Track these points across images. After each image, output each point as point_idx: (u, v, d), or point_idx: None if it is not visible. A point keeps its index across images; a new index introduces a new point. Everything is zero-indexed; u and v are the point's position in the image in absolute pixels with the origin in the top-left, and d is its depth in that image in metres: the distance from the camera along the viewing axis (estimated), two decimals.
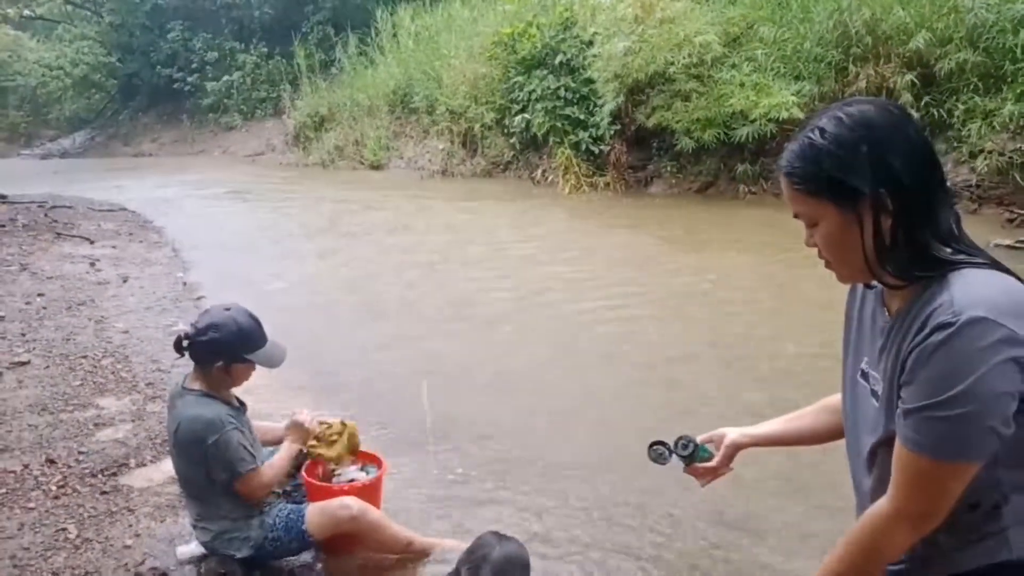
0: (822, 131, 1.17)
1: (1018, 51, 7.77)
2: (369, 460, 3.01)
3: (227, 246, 9.41)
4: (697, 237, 8.37)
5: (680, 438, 1.69)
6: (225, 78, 22.60)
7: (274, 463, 2.72)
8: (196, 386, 2.64)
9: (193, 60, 23.65)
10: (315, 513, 2.68)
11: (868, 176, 1.13)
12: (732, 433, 1.68)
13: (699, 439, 1.71)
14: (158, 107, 25.96)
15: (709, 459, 1.69)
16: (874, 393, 1.24)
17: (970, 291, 1.09)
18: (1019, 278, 1.17)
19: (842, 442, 1.41)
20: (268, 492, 2.68)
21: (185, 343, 2.62)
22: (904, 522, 1.16)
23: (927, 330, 1.09)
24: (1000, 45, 7.99)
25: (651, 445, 1.71)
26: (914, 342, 1.11)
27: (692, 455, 1.67)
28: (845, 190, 1.16)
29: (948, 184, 1.20)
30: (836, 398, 1.55)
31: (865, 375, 1.26)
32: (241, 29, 23.54)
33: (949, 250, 1.15)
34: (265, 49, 22.68)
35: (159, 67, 24.59)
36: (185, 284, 7.46)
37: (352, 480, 2.90)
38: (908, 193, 1.13)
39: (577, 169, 11.31)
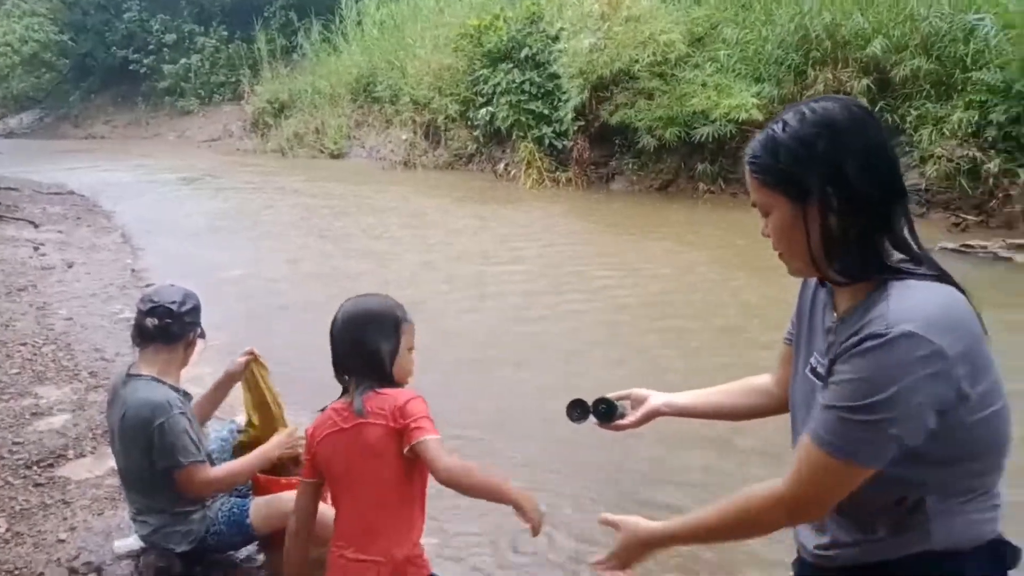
0: (785, 124, 1.20)
1: (968, 60, 7.99)
2: None
3: (179, 232, 9.18)
4: (653, 232, 8.44)
5: (598, 400, 1.73)
6: (183, 61, 22.03)
7: (236, 465, 2.57)
8: (144, 371, 2.54)
9: (150, 41, 22.97)
10: (260, 507, 2.60)
11: (820, 174, 1.15)
12: (656, 399, 1.71)
13: (613, 396, 1.75)
14: (112, 89, 25.17)
15: (623, 417, 1.73)
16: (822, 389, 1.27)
17: (906, 304, 1.11)
18: (962, 289, 1.18)
19: None
20: (212, 491, 2.56)
21: (160, 323, 2.51)
22: (788, 506, 1.21)
23: (859, 337, 1.12)
24: (952, 54, 8.22)
25: (570, 404, 1.74)
26: (845, 346, 1.14)
27: (609, 415, 1.72)
28: (796, 185, 1.18)
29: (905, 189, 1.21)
30: (763, 380, 1.62)
31: (813, 369, 1.29)
32: (201, 11, 22.97)
33: (898, 256, 1.18)
34: (225, 33, 22.18)
35: (114, 48, 23.84)
36: (133, 271, 7.26)
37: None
38: (859, 194, 1.15)
39: (540, 164, 11.31)
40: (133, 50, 23.36)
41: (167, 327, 2.53)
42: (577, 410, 1.73)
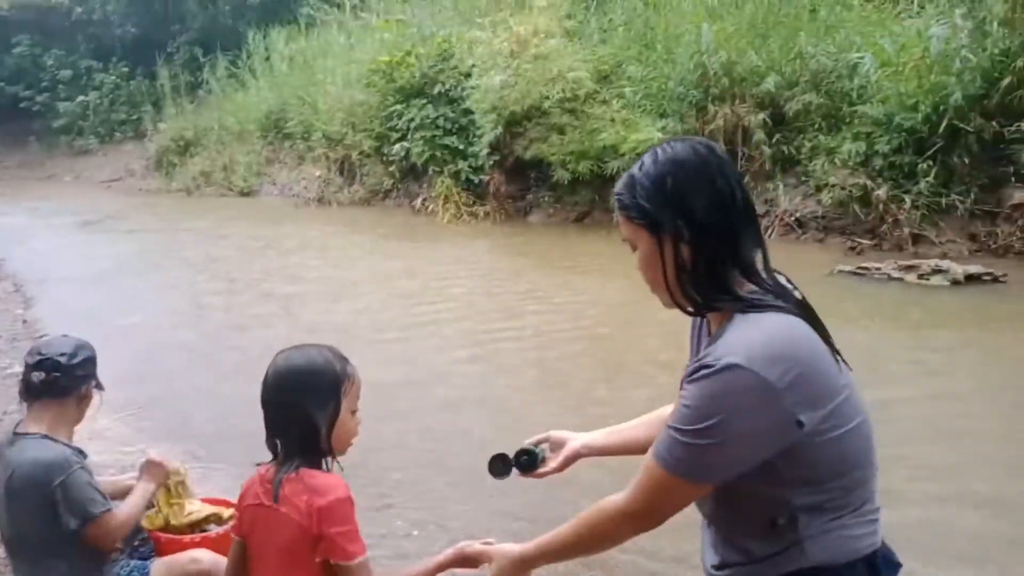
0: (642, 164, 1.30)
1: (854, 95, 8.56)
2: (223, 506, 2.77)
3: (76, 279, 8.69)
4: (577, 265, 8.54)
5: (520, 452, 1.71)
6: (80, 98, 21.02)
7: (129, 503, 2.49)
8: (33, 429, 2.37)
9: (44, 78, 21.83)
10: (161, 570, 2.47)
11: (669, 209, 1.25)
12: (574, 442, 1.73)
13: (532, 442, 1.74)
14: (1, 128, 23.75)
15: (544, 463, 1.72)
16: None
17: (737, 337, 1.20)
18: (812, 316, 1.26)
19: None
20: (123, 535, 2.46)
21: (47, 377, 2.36)
22: (627, 517, 1.30)
23: (696, 365, 1.21)
24: (839, 89, 8.78)
25: (491, 460, 1.71)
26: (687, 372, 1.23)
27: (531, 465, 1.70)
28: (651, 220, 1.27)
29: (759, 222, 1.33)
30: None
31: None
32: (99, 47, 22.02)
33: (750, 286, 1.25)
34: (126, 68, 21.35)
35: (3, 84, 22.53)
36: (25, 322, 6.81)
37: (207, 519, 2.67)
38: (706, 228, 1.24)
39: (457, 199, 11.33)
40: (25, 86, 22.13)
41: (55, 381, 2.38)
42: (499, 464, 1.70)
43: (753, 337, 1.19)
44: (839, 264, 7.36)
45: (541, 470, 1.72)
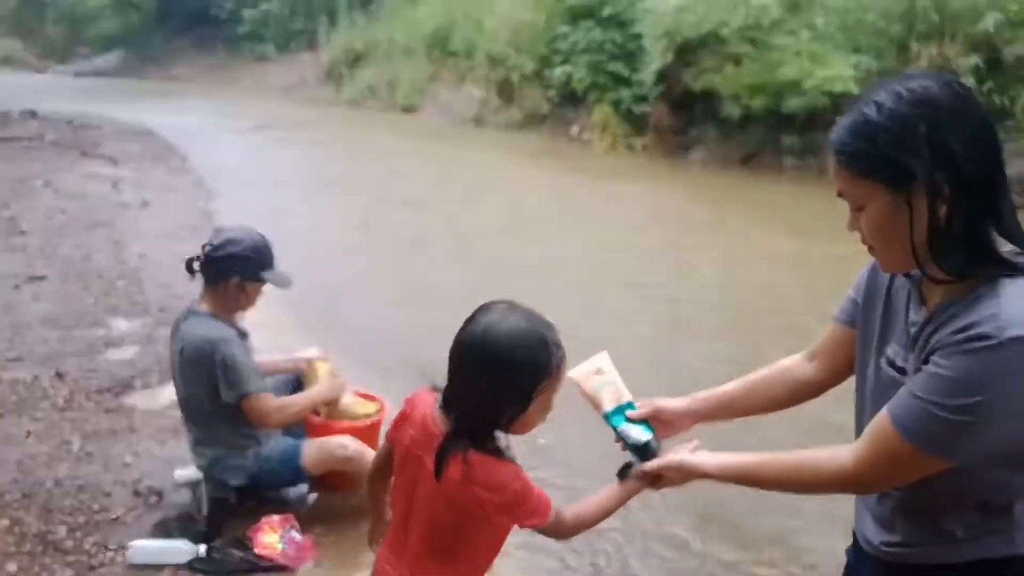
0: (879, 106, 1.09)
1: None
2: (369, 400, 2.94)
3: (254, 178, 9.31)
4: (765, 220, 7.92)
5: (637, 447, 1.49)
6: (263, 6, 22.20)
7: (295, 399, 2.69)
8: (204, 308, 2.61)
9: None
10: (312, 449, 2.67)
11: (925, 158, 1.06)
12: (682, 417, 1.54)
13: (639, 415, 1.52)
14: (193, 32, 25.62)
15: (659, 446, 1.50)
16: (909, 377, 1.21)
17: (1020, 305, 1.05)
18: None
19: None
20: (279, 423, 2.64)
21: (199, 260, 2.58)
22: (850, 481, 1.21)
23: (966, 334, 1.06)
24: None
25: (621, 470, 1.50)
26: (947, 339, 1.08)
27: (648, 455, 1.47)
28: (899, 172, 1.08)
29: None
30: (798, 365, 1.49)
31: (891, 362, 1.23)
32: None
33: (1009, 247, 1.09)
34: None
35: None
36: (206, 212, 7.37)
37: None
38: (967, 180, 1.06)
39: (615, 129, 10.97)
40: None
41: (202, 267, 2.59)
42: (626, 469, 1.50)
43: None
44: None
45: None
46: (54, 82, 22.65)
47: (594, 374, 1.57)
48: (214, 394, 2.52)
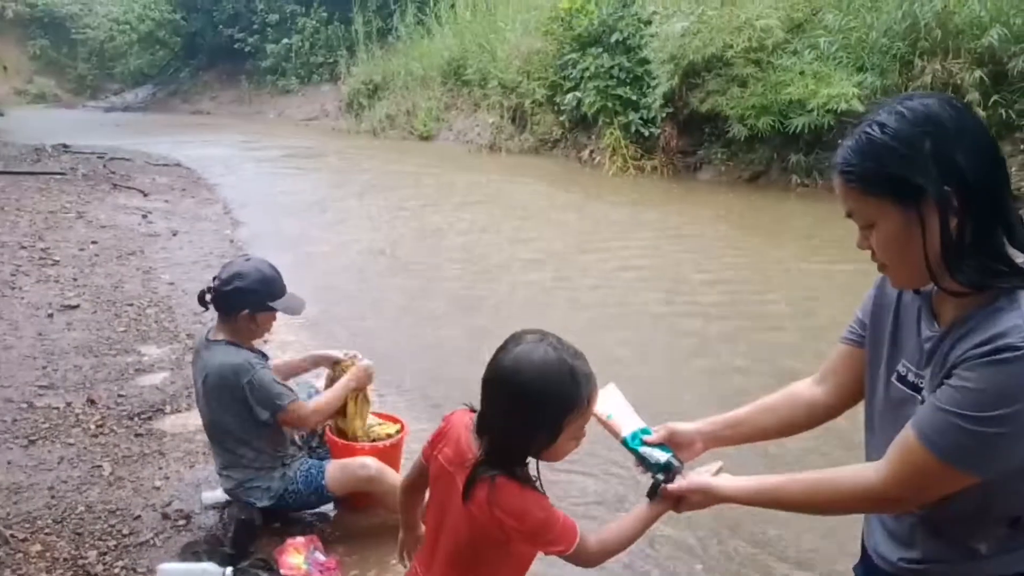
0: (882, 126, 1.12)
1: None
2: (391, 422, 3.07)
3: (277, 207, 9.58)
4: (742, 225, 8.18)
5: (658, 467, 1.52)
6: (284, 41, 22.78)
7: (327, 395, 2.81)
8: (220, 337, 2.71)
9: (255, 21, 23.88)
10: (335, 470, 2.76)
11: (933, 173, 1.08)
12: (696, 442, 1.55)
13: (656, 439, 1.54)
14: (218, 66, 26.35)
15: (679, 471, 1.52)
16: (921, 400, 1.21)
17: None
18: None
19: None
20: (317, 421, 2.78)
21: (210, 295, 2.69)
22: (881, 500, 1.19)
23: (990, 346, 1.06)
24: None
25: (650, 491, 1.52)
26: (972, 352, 1.08)
27: (669, 476, 1.50)
28: (908, 188, 1.10)
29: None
30: (807, 389, 1.50)
31: (903, 379, 1.23)
32: None
33: (1021, 256, 1.11)
34: (325, 14, 22.76)
35: (221, 26, 24.92)
36: (232, 241, 7.64)
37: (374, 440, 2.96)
38: (976, 192, 1.08)
39: (625, 151, 11.17)
40: (239, 29, 24.34)
41: (215, 300, 2.70)
42: (654, 490, 1.52)
43: None
44: None
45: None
46: (85, 118, 23.34)
47: (607, 404, 1.60)
48: (244, 418, 2.63)
